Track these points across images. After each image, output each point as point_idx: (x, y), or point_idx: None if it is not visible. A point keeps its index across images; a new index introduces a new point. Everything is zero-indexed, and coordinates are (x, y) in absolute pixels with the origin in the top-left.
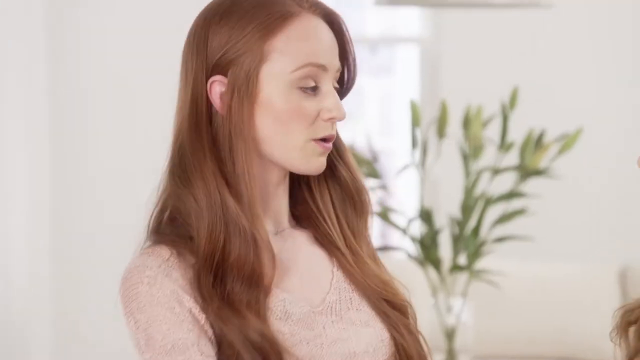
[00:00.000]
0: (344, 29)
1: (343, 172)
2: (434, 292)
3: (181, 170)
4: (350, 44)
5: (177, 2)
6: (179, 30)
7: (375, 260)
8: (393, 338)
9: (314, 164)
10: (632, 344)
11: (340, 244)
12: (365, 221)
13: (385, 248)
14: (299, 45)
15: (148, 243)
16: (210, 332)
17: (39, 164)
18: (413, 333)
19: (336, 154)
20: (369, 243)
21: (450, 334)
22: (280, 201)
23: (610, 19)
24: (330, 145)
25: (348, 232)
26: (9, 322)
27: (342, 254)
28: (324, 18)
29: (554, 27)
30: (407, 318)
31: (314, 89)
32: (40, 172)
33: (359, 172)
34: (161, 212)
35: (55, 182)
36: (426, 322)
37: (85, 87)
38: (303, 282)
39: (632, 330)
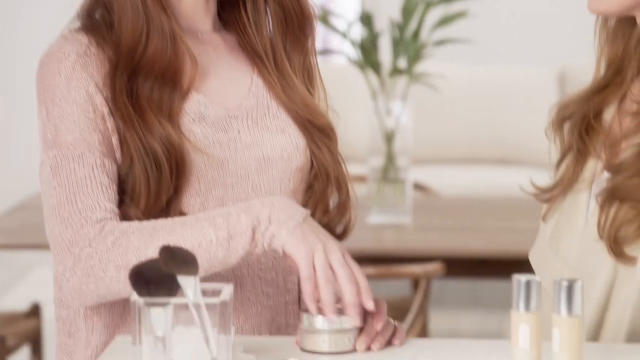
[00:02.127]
0: None
1: None
2: (374, 95)
3: None
4: None
5: None
6: None
7: (312, 85)
8: (310, 149)
9: None
10: (566, 139)
11: (265, 56)
12: (306, 38)
13: (325, 52)
14: None
15: (74, 25)
16: (115, 138)
17: None
18: (333, 153)
19: None
20: (308, 66)
21: (389, 137)
22: (199, 3)
23: None
24: None
25: (280, 48)
26: None
27: (264, 64)
28: None
29: None
30: (330, 140)
31: None
32: None
33: None
34: None
35: None
36: (366, 125)
37: None
38: (221, 86)
39: (566, 125)
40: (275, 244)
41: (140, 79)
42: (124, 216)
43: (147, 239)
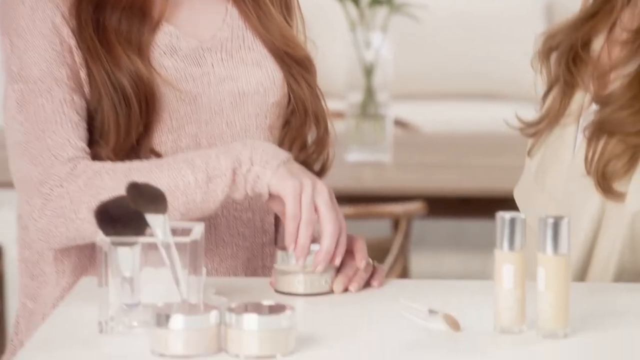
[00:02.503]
0: None
1: None
2: (352, 27)
3: None
4: None
5: None
6: None
7: (290, 15)
8: (287, 83)
9: None
10: (553, 70)
11: None
12: None
13: None
14: None
15: None
16: (83, 72)
17: None
18: (311, 87)
19: None
20: None
21: (369, 71)
22: None
23: None
24: None
25: None
26: None
27: None
28: None
29: None
30: (308, 73)
31: None
32: None
33: None
34: None
35: None
36: (344, 58)
37: None
38: (193, 17)
39: (553, 56)
40: (260, 185)
41: (108, 10)
42: (95, 156)
43: (121, 179)
